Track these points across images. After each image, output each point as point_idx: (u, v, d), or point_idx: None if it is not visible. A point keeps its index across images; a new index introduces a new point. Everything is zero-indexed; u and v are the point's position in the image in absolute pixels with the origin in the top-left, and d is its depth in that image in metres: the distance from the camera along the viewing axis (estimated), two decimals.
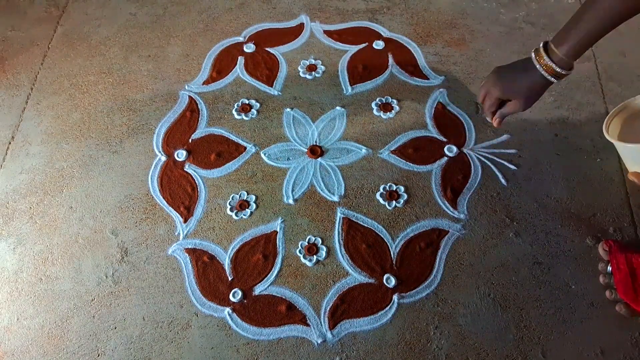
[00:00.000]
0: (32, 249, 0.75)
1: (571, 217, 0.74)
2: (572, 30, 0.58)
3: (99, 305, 0.70)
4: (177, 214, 0.77)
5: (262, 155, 0.83)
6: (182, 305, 0.70)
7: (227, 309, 0.69)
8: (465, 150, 0.82)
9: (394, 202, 0.77)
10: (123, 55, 0.97)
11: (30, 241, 0.76)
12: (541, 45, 0.61)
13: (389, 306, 0.69)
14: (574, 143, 0.82)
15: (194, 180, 0.80)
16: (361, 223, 0.75)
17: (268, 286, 0.71)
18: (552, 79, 0.62)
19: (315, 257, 0.73)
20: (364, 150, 0.82)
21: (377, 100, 0.88)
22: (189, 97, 0.90)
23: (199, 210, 0.77)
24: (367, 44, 0.96)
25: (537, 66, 0.62)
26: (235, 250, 0.74)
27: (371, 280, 0.71)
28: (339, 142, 0.84)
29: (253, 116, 0.87)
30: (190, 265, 0.73)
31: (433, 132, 0.84)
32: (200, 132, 0.86)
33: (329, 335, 0.67)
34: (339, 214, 0.76)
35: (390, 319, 0.68)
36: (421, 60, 0.93)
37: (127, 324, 0.69)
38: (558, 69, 0.60)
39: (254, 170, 0.81)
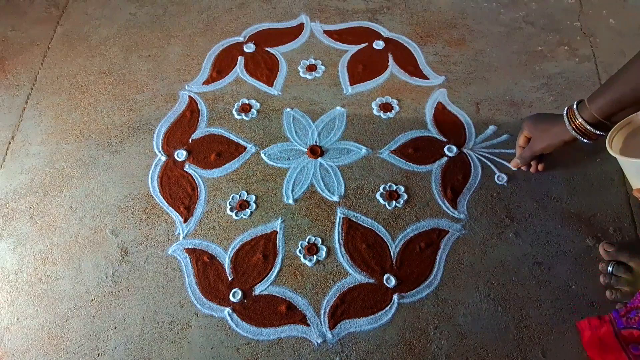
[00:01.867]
0: (32, 249, 0.75)
1: (571, 217, 0.74)
2: (608, 87, 0.57)
3: (99, 305, 0.70)
4: (177, 214, 0.77)
5: (262, 155, 0.83)
6: (182, 305, 0.70)
7: (227, 309, 0.69)
8: (465, 150, 0.82)
9: (394, 202, 0.77)
10: (123, 55, 0.97)
11: (30, 241, 0.76)
12: (577, 100, 0.61)
13: (389, 306, 0.69)
14: (574, 143, 0.81)
15: (194, 180, 0.80)
16: (361, 223, 0.75)
17: (268, 286, 0.71)
18: (576, 134, 0.62)
19: (315, 257, 0.73)
20: (364, 150, 0.82)
21: (377, 100, 0.88)
22: (189, 97, 0.90)
23: (199, 210, 0.77)
24: (367, 44, 0.96)
25: (565, 118, 0.62)
26: (235, 250, 0.74)
27: (371, 280, 0.71)
28: (339, 142, 0.84)
29: (253, 116, 0.87)
30: (190, 265, 0.73)
31: (433, 132, 0.84)
32: (200, 132, 0.86)
33: (329, 335, 0.67)
34: (339, 214, 0.76)
35: (390, 319, 0.68)
36: (421, 60, 0.93)
37: (127, 324, 0.69)
38: (585, 124, 0.60)
39: (254, 170, 0.81)
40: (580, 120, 0.61)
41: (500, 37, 0.96)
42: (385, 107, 0.87)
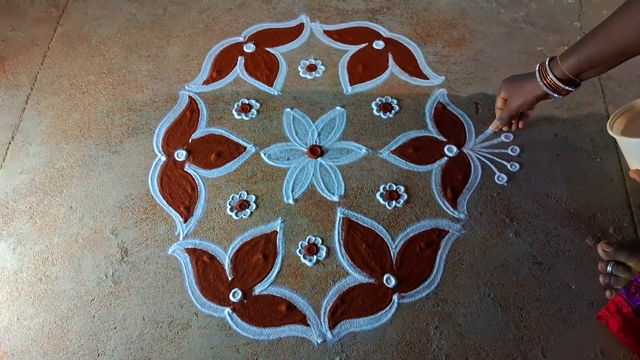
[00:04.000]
0: (32, 249, 0.75)
1: (571, 217, 0.74)
2: (579, 46, 0.60)
3: (99, 305, 0.70)
4: (177, 214, 0.77)
5: (262, 155, 0.83)
6: (182, 305, 0.70)
7: (227, 309, 0.69)
8: (465, 150, 0.82)
9: (394, 202, 0.77)
10: (123, 55, 0.97)
11: (30, 241, 0.76)
12: (550, 57, 0.64)
13: (389, 306, 0.69)
14: (574, 143, 0.82)
15: (194, 180, 0.80)
16: (361, 223, 0.75)
17: (268, 286, 0.71)
18: (547, 89, 0.64)
19: (315, 257, 0.73)
20: (364, 150, 0.82)
21: (377, 100, 0.88)
22: (189, 97, 0.90)
23: (199, 210, 0.77)
24: (367, 44, 0.96)
25: (537, 74, 0.64)
26: (235, 250, 0.74)
27: (371, 280, 0.71)
28: (339, 142, 0.84)
29: (253, 116, 0.87)
30: (190, 265, 0.73)
31: (433, 132, 0.84)
32: (200, 132, 0.86)
33: (329, 335, 0.67)
34: (339, 214, 0.76)
35: (390, 319, 0.68)
36: (421, 60, 0.93)
37: (127, 324, 0.69)
38: (555, 81, 0.62)
39: (254, 170, 0.81)
40: (551, 76, 0.63)
41: (500, 37, 0.96)
42: (385, 107, 0.87)
